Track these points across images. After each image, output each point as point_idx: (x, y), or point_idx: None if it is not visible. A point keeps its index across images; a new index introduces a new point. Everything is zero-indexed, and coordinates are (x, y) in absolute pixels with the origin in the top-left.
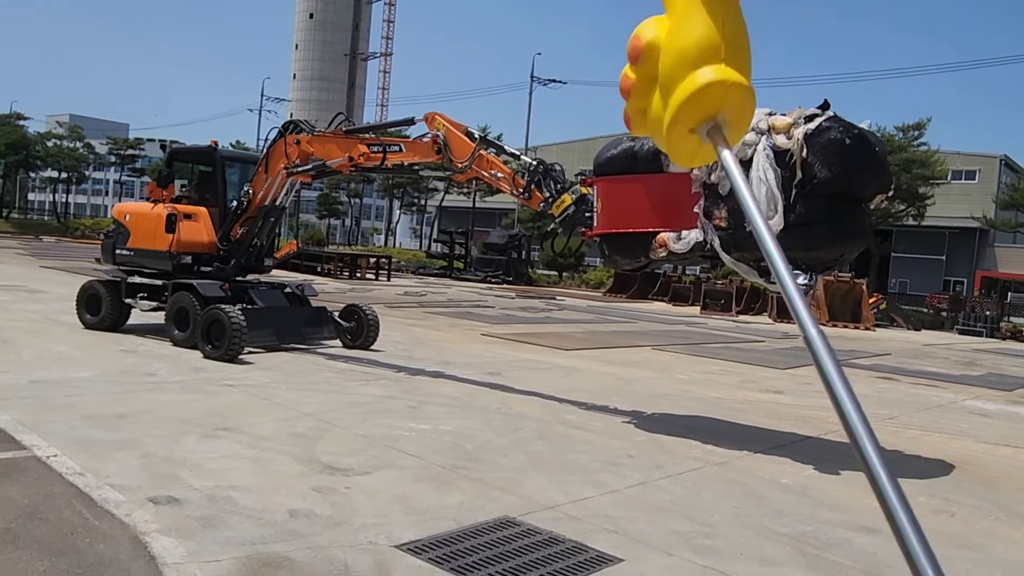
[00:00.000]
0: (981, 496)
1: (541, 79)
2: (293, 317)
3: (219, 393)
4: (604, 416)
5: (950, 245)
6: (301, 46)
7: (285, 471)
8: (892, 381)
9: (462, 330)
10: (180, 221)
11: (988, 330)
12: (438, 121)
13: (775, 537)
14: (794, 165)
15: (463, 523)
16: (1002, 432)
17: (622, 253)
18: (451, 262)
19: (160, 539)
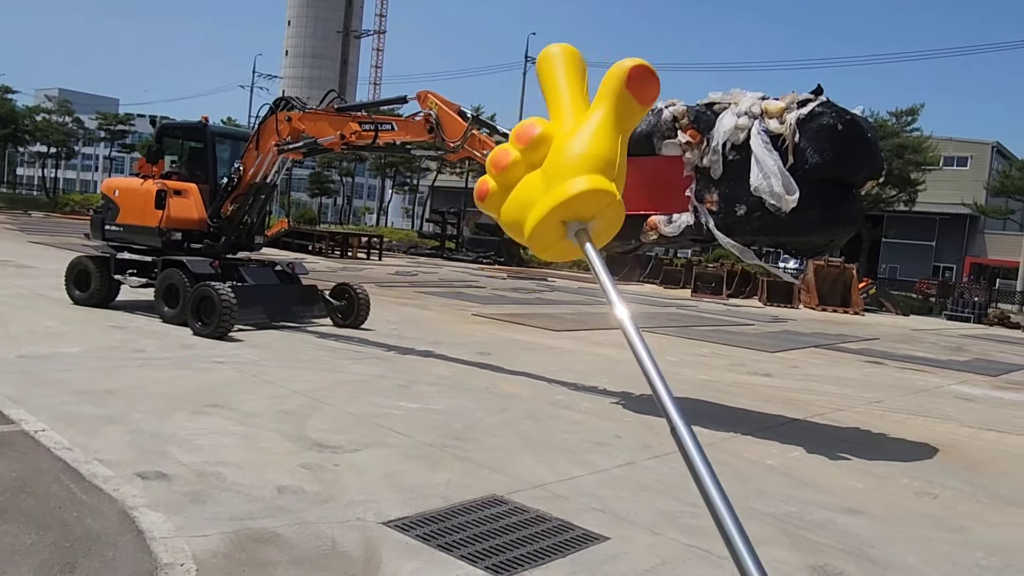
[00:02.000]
0: (964, 479)
1: (535, 59)
2: (283, 295)
3: (209, 370)
4: (593, 396)
5: (940, 231)
6: (294, 22)
7: (274, 448)
8: (880, 365)
9: (453, 310)
10: (170, 197)
11: (976, 316)
12: (430, 100)
13: (760, 517)
14: (786, 150)
15: (451, 501)
16: (986, 417)
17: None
18: (443, 242)
19: (148, 514)
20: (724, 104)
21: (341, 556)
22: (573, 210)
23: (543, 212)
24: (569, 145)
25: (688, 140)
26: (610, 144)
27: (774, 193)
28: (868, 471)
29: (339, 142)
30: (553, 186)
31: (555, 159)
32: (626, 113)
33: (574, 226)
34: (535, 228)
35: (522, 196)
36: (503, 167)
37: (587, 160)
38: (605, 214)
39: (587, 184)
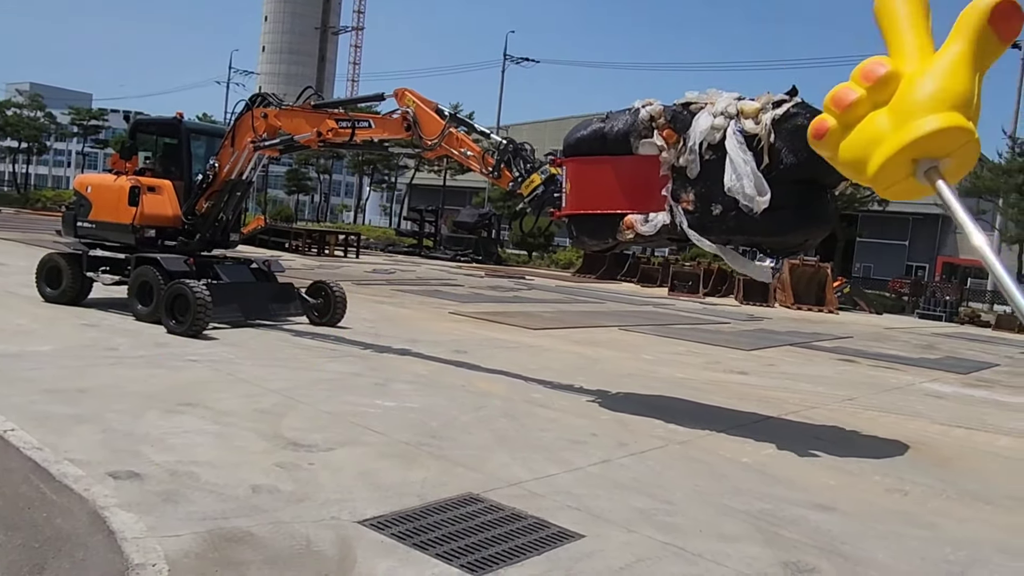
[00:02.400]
0: (934, 476)
1: (514, 57)
2: (259, 293)
3: (183, 368)
4: (569, 395)
5: (913, 231)
6: (271, 18)
7: (249, 447)
8: (853, 363)
9: (430, 308)
10: (144, 194)
11: (947, 315)
12: (408, 97)
13: (734, 514)
14: (762, 150)
15: (426, 499)
16: (956, 414)
17: (590, 234)
18: (421, 240)
19: (119, 514)
20: (700, 104)
21: (315, 555)
22: (926, 148)
23: (893, 150)
24: (922, 82)
25: (665, 140)
26: (966, 81)
27: (746, 194)
28: (840, 468)
29: (316, 139)
30: (904, 123)
31: (906, 95)
32: (986, 49)
33: (924, 164)
34: (883, 166)
35: (867, 134)
36: (846, 105)
37: (943, 97)
38: (960, 152)
39: (943, 121)
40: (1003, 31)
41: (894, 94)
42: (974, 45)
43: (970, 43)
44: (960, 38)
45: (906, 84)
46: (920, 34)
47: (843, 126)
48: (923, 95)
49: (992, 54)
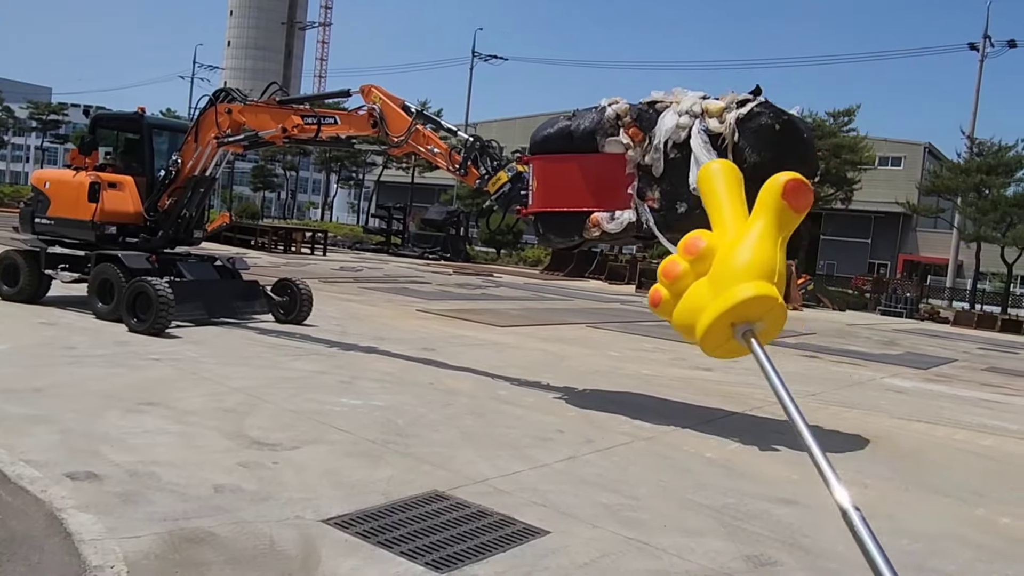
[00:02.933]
0: (893, 469)
1: (482, 55)
2: (223, 291)
3: (144, 367)
4: (536, 392)
5: (875, 229)
6: (236, 12)
7: (211, 446)
8: (816, 359)
9: (397, 306)
10: (104, 190)
11: (908, 311)
12: (374, 94)
13: (698, 509)
14: (726, 149)
15: (392, 497)
16: (916, 409)
17: (556, 232)
18: (388, 238)
19: (77, 515)
20: (666, 103)
21: (278, 555)
22: (740, 314)
23: (713, 316)
24: (734, 254)
25: (630, 138)
26: (771, 252)
27: None
28: (803, 463)
29: (281, 135)
30: (721, 292)
31: (721, 267)
32: (783, 221)
33: (741, 328)
34: (706, 331)
35: (692, 302)
36: (673, 277)
37: (751, 268)
38: (770, 316)
39: (753, 291)
40: (795, 204)
41: (711, 265)
42: (774, 218)
43: (771, 217)
44: (763, 213)
45: (721, 256)
46: (735, 205)
47: (673, 295)
48: (735, 267)
49: (791, 223)
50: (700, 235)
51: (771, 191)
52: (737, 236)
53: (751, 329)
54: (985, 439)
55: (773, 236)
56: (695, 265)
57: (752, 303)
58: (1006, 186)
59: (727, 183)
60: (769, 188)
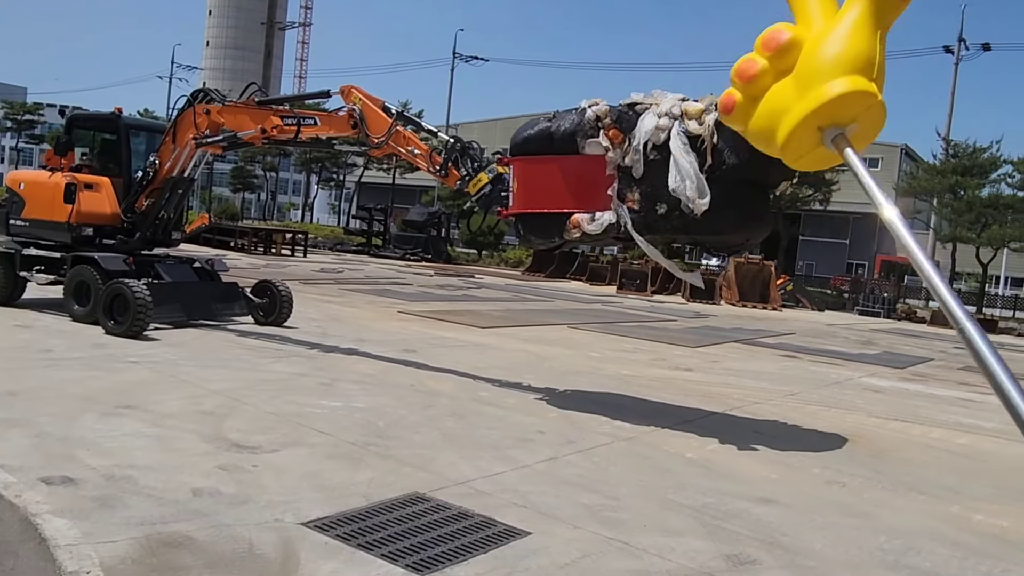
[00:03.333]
0: (870, 467)
1: (463, 56)
2: (202, 292)
3: (122, 370)
4: (517, 393)
5: (853, 229)
6: (215, 12)
7: (190, 449)
8: (795, 359)
9: (378, 307)
10: (80, 191)
11: (885, 311)
12: (355, 95)
13: (678, 508)
14: (705, 151)
15: (372, 499)
16: (893, 407)
17: (536, 233)
18: (369, 239)
19: (52, 520)
20: (645, 105)
21: (258, 558)
22: (831, 115)
23: (798, 118)
24: (823, 47)
25: (610, 140)
26: (868, 42)
27: (688, 196)
28: (782, 461)
29: (260, 136)
30: (808, 91)
31: (808, 63)
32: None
33: (831, 132)
34: (790, 136)
35: (773, 105)
36: (750, 77)
37: (844, 61)
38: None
39: (846, 86)
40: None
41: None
42: (873, 3)
43: (869, 2)
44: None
45: (808, 50)
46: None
47: (749, 98)
48: (824, 61)
49: (894, 10)
50: (783, 27)
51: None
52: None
53: (842, 133)
54: (960, 437)
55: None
56: (775, 62)
57: (845, 100)
58: (981, 187)
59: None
60: None
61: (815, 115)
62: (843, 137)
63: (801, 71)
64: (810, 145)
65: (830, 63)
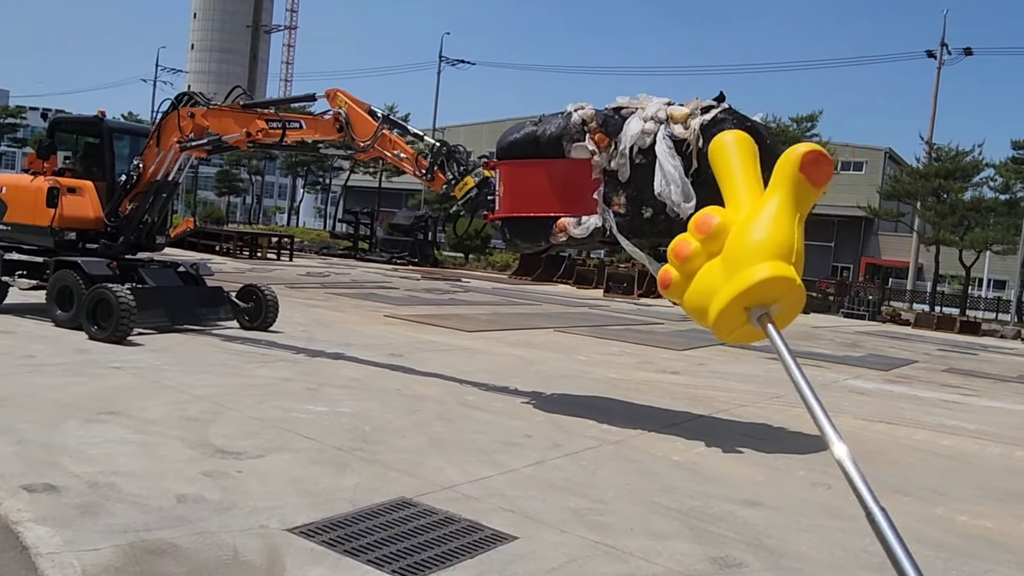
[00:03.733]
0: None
1: (449, 59)
2: (187, 297)
3: (105, 376)
4: (504, 397)
5: (838, 232)
6: (200, 15)
7: (174, 456)
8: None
9: (365, 311)
10: (63, 195)
11: (870, 313)
12: (340, 98)
13: (664, 512)
14: (690, 155)
15: (358, 505)
16: (878, 409)
17: (523, 237)
18: (356, 243)
19: (34, 528)
20: (631, 109)
21: (243, 565)
22: (756, 296)
23: (727, 299)
24: (748, 232)
25: (596, 144)
26: (788, 229)
27: (673, 200)
28: (768, 464)
29: (245, 140)
30: (735, 274)
31: (735, 247)
32: (802, 196)
33: (757, 311)
34: (719, 315)
35: (704, 284)
36: (684, 257)
37: (767, 247)
38: (787, 298)
39: (769, 272)
40: (814, 178)
41: (725, 244)
42: (791, 193)
43: (787, 192)
44: (779, 188)
45: (735, 235)
46: (750, 180)
47: (684, 276)
48: (749, 246)
49: (808, 199)
50: (713, 212)
51: (788, 164)
52: (752, 213)
53: (767, 312)
54: (944, 439)
55: (790, 212)
56: (707, 244)
57: (768, 285)
58: (964, 190)
59: (741, 156)
60: (786, 161)
61: (741, 297)
62: (767, 316)
63: (728, 254)
64: (738, 323)
65: (754, 249)
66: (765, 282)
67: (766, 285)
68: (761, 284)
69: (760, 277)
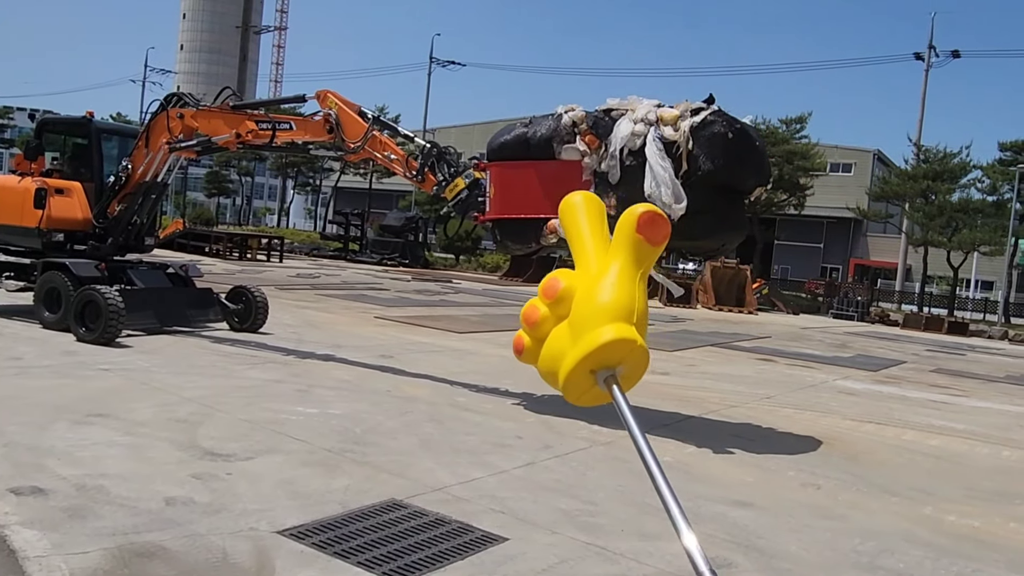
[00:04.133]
0: (845, 470)
1: (440, 60)
2: (176, 299)
3: (93, 378)
4: (495, 398)
5: (828, 234)
6: (189, 16)
7: (163, 458)
8: (771, 362)
9: (355, 313)
10: (51, 196)
11: (859, 314)
12: (330, 99)
13: (655, 513)
14: (680, 157)
15: (349, 507)
16: (867, 410)
17: (513, 238)
18: (346, 244)
19: (21, 532)
20: (621, 111)
21: (232, 568)
22: (600, 359)
23: (572, 363)
24: (592, 295)
25: (587, 145)
26: (629, 291)
27: (663, 202)
28: (758, 465)
29: (235, 141)
30: (579, 337)
31: (580, 310)
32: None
33: (603, 373)
34: (567, 378)
35: (554, 348)
36: (533, 323)
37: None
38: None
39: (612, 334)
40: (651, 237)
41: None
42: (632, 253)
43: (628, 252)
44: (620, 250)
45: (580, 298)
46: (596, 240)
47: (536, 341)
48: (592, 309)
49: (649, 257)
50: (559, 276)
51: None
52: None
53: (613, 375)
54: (932, 439)
55: (631, 273)
56: (554, 308)
57: (610, 347)
58: (951, 192)
59: (589, 216)
60: (624, 222)
61: (586, 360)
62: (613, 378)
63: (574, 318)
64: (586, 386)
65: (597, 312)
66: (607, 345)
67: (609, 348)
68: (604, 347)
69: (603, 340)
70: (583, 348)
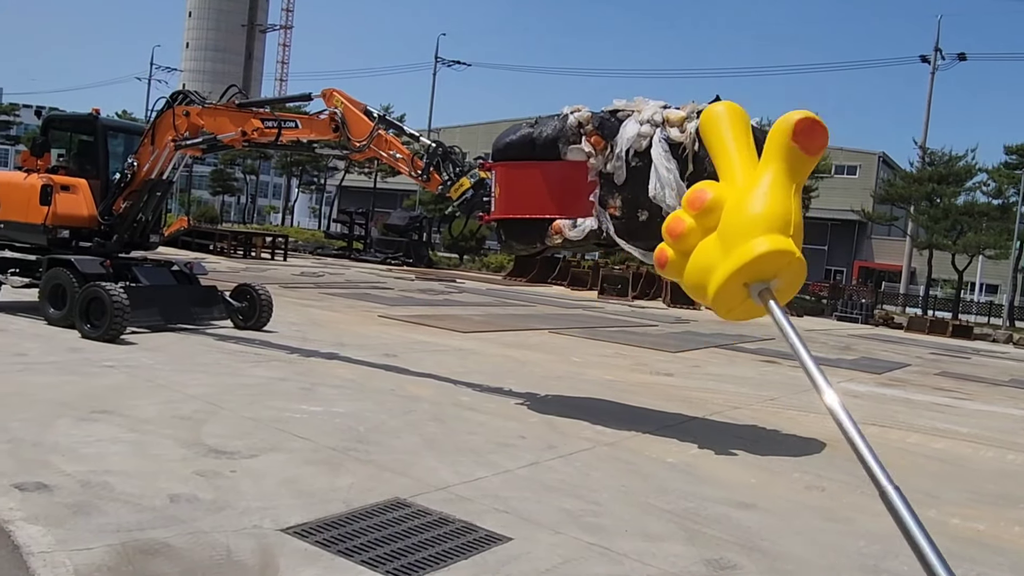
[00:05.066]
0: (849, 472)
1: (445, 60)
2: (181, 296)
3: (98, 374)
4: (499, 398)
5: (832, 236)
6: (195, 14)
7: (167, 455)
8: (775, 364)
9: (359, 312)
10: (57, 193)
11: (863, 317)
12: (336, 98)
13: (659, 513)
14: (686, 158)
15: (352, 505)
16: (870, 412)
17: (518, 238)
18: (350, 243)
19: (25, 527)
20: (628, 112)
21: (236, 565)
22: (754, 272)
23: (724, 276)
24: (744, 206)
25: (592, 146)
26: (784, 202)
27: (668, 204)
28: (762, 466)
29: (240, 139)
30: (732, 249)
31: (731, 221)
32: (796, 166)
33: (757, 286)
34: (718, 292)
35: (702, 261)
36: (678, 235)
37: (763, 220)
38: (787, 272)
39: (767, 245)
40: (808, 147)
41: (720, 219)
42: (785, 164)
43: (781, 162)
44: (772, 159)
45: (730, 209)
46: (743, 153)
47: (680, 254)
48: (746, 220)
49: (803, 169)
50: (706, 187)
51: (780, 134)
52: (747, 186)
53: (768, 288)
54: (937, 442)
55: (786, 184)
56: (701, 220)
57: (767, 259)
58: (957, 195)
59: (734, 128)
60: (778, 131)
61: (739, 273)
62: (768, 291)
63: (724, 229)
64: (739, 299)
65: (751, 223)
66: (763, 256)
67: (765, 259)
68: (759, 259)
69: (758, 252)
70: (736, 260)
